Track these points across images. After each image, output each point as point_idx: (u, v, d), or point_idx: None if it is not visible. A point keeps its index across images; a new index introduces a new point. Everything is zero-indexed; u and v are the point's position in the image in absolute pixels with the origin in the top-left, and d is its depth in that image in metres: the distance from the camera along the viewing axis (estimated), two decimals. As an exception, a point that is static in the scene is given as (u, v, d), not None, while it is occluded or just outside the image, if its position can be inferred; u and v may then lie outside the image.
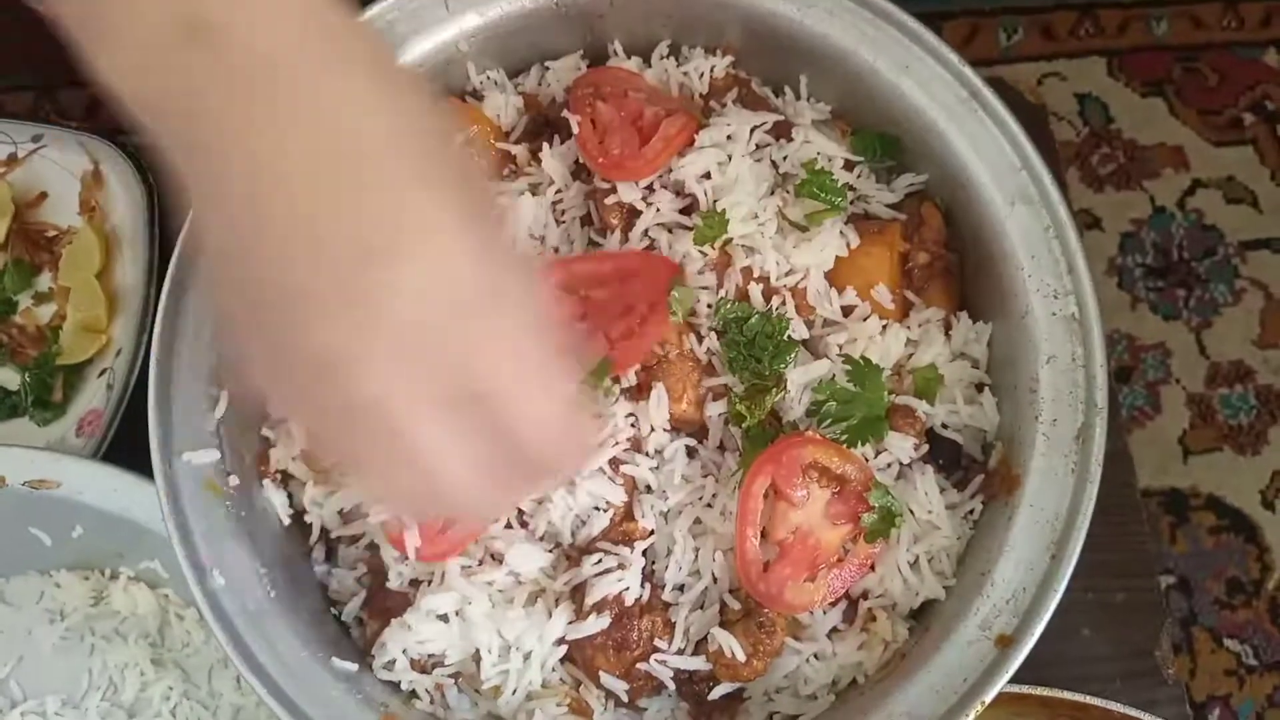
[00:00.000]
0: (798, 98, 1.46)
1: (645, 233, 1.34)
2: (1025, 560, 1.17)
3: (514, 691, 1.22)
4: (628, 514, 1.24)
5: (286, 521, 1.31)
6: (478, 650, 1.21)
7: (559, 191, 1.39)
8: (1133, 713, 1.31)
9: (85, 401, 1.55)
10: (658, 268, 1.29)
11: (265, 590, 1.20)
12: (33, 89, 2.64)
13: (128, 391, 1.49)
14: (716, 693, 1.22)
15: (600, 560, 1.21)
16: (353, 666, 1.21)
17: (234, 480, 1.24)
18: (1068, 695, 1.30)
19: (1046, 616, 1.13)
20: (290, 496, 1.32)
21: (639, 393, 1.27)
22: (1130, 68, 2.56)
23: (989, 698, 1.10)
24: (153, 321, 1.40)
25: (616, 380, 1.27)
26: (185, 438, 1.22)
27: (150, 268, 1.56)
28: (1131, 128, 2.64)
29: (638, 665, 1.21)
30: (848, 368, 1.26)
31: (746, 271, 1.32)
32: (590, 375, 1.24)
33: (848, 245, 1.34)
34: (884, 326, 1.31)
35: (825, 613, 1.23)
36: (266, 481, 1.30)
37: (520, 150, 1.43)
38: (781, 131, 1.41)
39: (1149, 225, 2.46)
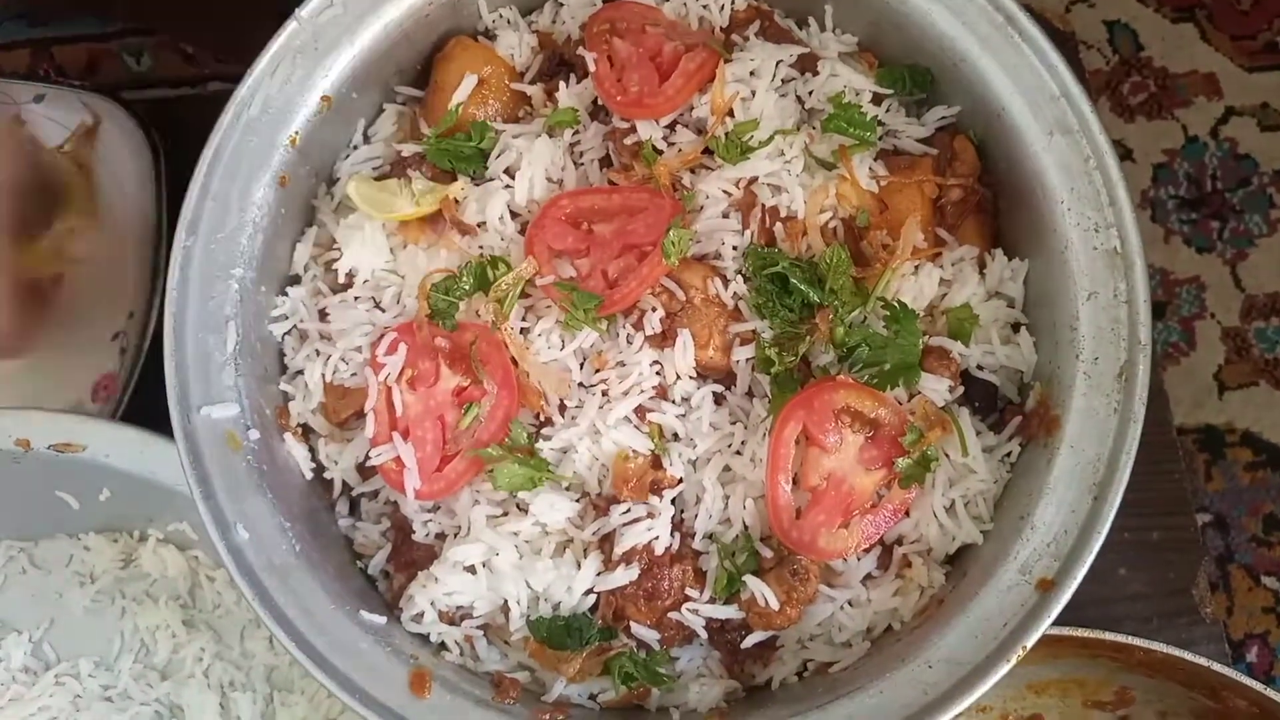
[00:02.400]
0: (822, 29, 1.41)
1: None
2: (1067, 502, 1.14)
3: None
4: (656, 462, 1.22)
5: (309, 476, 1.29)
6: (506, 601, 1.20)
7: (576, 133, 1.35)
8: (1175, 651, 1.29)
9: (98, 365, 1.52)
10: (663, 206, 1.26)
11: (290, 544, 1.19)
12: (28, 45, 2.59)
13: (142, 354, 1.47)
14: (749, 641, 1.20)
15: (629, 509, 1.19)
16: (381, 619, 1.20)
17: (254, 434, 1.23)
18: (1109, 636, 1.28)
19: (1089, 559, 1.10)
20: (312, 451, 1.31)
21: (664, 340, 1.24)
22: (1160, -9, 2.44)
23: (1031, 642, 1.07)
24: (163, 283, 1.38)
25: (610, 320, 1.24)
26: (203, 392, 1.20)
27: (158, 228, 1.53)
28: (1162, 55, 2.54)
29: (669, 614, 1.20)
30: (884, 311, 1.22)
31: (772, 211, 1.27)
32: (579, 310, 1.21)
33: (877, 182, 1.30)
34: (916, 267, 1.27)
35: (859, 559, 1.21)
36: (288, 435, 1.29)
37: (535, 91, 1.38)
38: (806, 65, 1.36)
39: (1182, 155, 2.38)
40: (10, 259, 1.55)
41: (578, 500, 1.22)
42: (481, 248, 1.30)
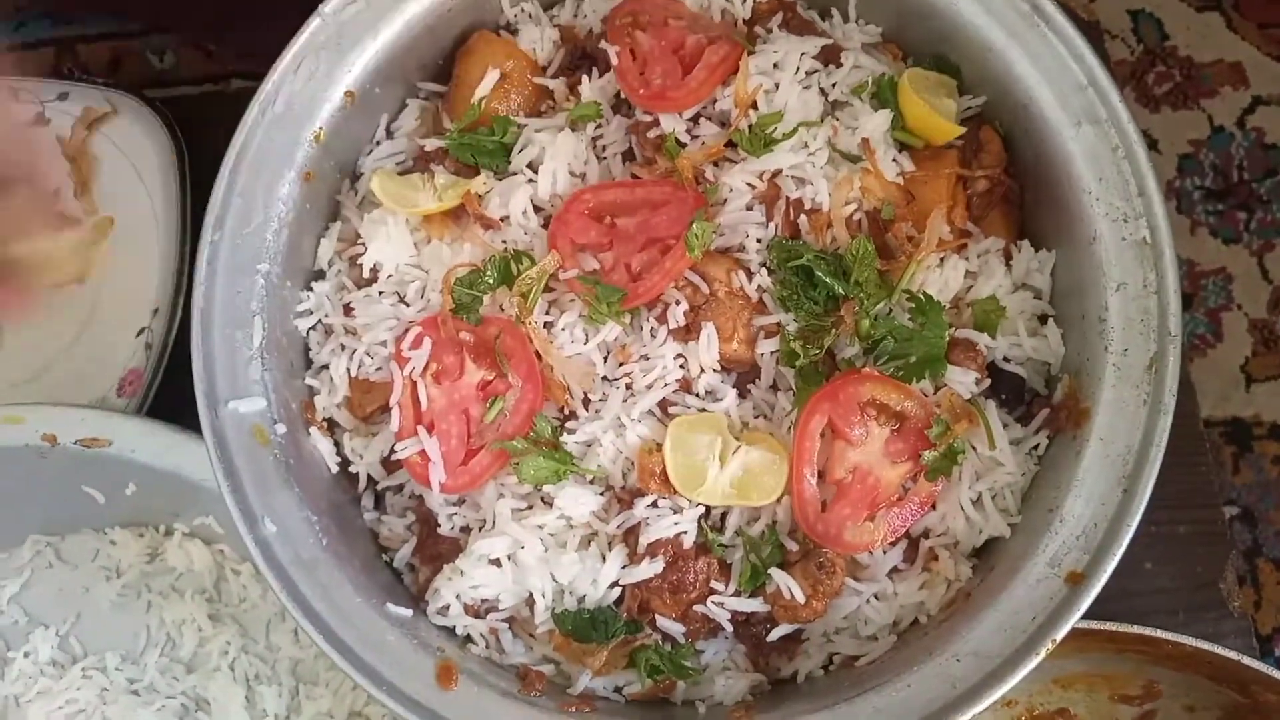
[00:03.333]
0: (845, 20, 1.40)
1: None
2: (1096, 495, 1.13)
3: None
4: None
5: (334, 469, 1.30)
6: (531, 595, 1.20)
7: (599, 126, 1.34)
8: (1204, 645, 1.28)
9: (124, 361, 1.54)
10: (685, 200, 1.25)
11: (317, 538, 1.19)
12: (52, 44, 2.61)
13: (167, 350, 1.47)
14: (775, 634, 1.20)
15: (654, 502, 1.19)
16: (407, 612, 1.20)
17: (281, 428, 1.23)
18: (1138, 630, 1.27)
19: (1119, 552, 1.09)
20: (337, 445, 1.31)
21: (687, 333, 1.23)
22: (1186, -19, 2.41)
23: (1060, 635, 1.07)
24: (189, 281, 1.39)
25: (633, 313, 1.24)
26: (230, 386, 1.21)
27: (183, 226, 1.53)
28: (1188, 44, 2.51)
29: (694, 607, 1.19)
30: (909, 304, 1.21)
31: (796, 204, 1.27)
32: (603, 303, 1.21)
33: (902, 173, 1.29)
34: (941, 259, 1.26)
35: (885, 552, 1.20)
36: (313, 429, 1.29)
37: (558, 85, 1.38)
38: (829, 57, 1.35)
39: (1208, 146, 2.35)
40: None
41: (602, 493, 1.22)
42: (505, 242, 1.30)
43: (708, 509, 1.20)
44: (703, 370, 1.23)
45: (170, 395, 1.49)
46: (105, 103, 1.62)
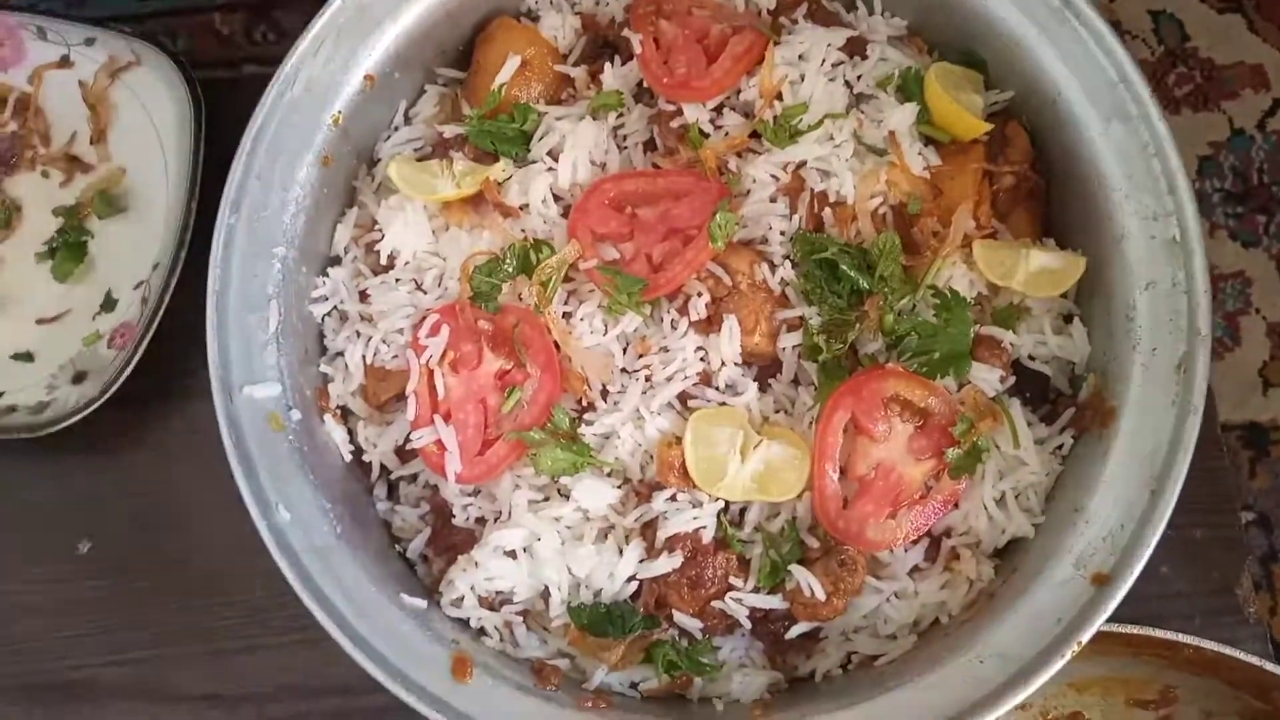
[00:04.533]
0: (870, 12, 1.38)
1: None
2: (1123, 496, 1.11)
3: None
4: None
5: (348, 458, 1.28)
6: (546, 588, 1.19)
7: (620, 116, 1.33)
8: (1225, 650, 1.26)
9: (120, 314, 1.50)
10: (708, 190, 1.24)
11: (331, 526, 1.18)
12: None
13: (161, 306, 1.42)
14: (793, 632, 1.19)
15: (673, 496, 1.17)
16: (422, 603, 1.19)
17: (295, 415, 1.22)
18: (1158, 633, 1.25)
19: (1146, 554, 1.08)
20: (350, 434, 1.30)
21: (708, 325, 1.22)
22: (1207, -17, 2.40)
23: (1086, 637, 1.05)
24: (192, 237, 1.36)
25: (653, 304, 1.22)
26: (245, 371, 1.19)
27: (192, 184, 1.50)
28: (1208, 46, 2.48)
29: (712, 603, 1.18)
30: (934, 300, 1.19)
31: (821, 196, 1.25)
32: (623, 294, 1.20)
33: (928, 167, 1.27)
34: (967, 255, 1.24)
35: (906, 551, 1.19)
36: (327, 417, 1.28)
37: (579, 73, 1.36)
38: (855, 49, 1.33)
39: (1227, 148, 2.33)
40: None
41: (620, 486, 1.21)
42: (523, 231, 1.29)
43: (727, 504, 1.19)
44: (723, 363, 1.22)
45: (158, 358, 1.44)
46: (130, 53, 1.60)
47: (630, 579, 1.19)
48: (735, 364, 1.22)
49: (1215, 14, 2.48)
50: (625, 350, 1.24)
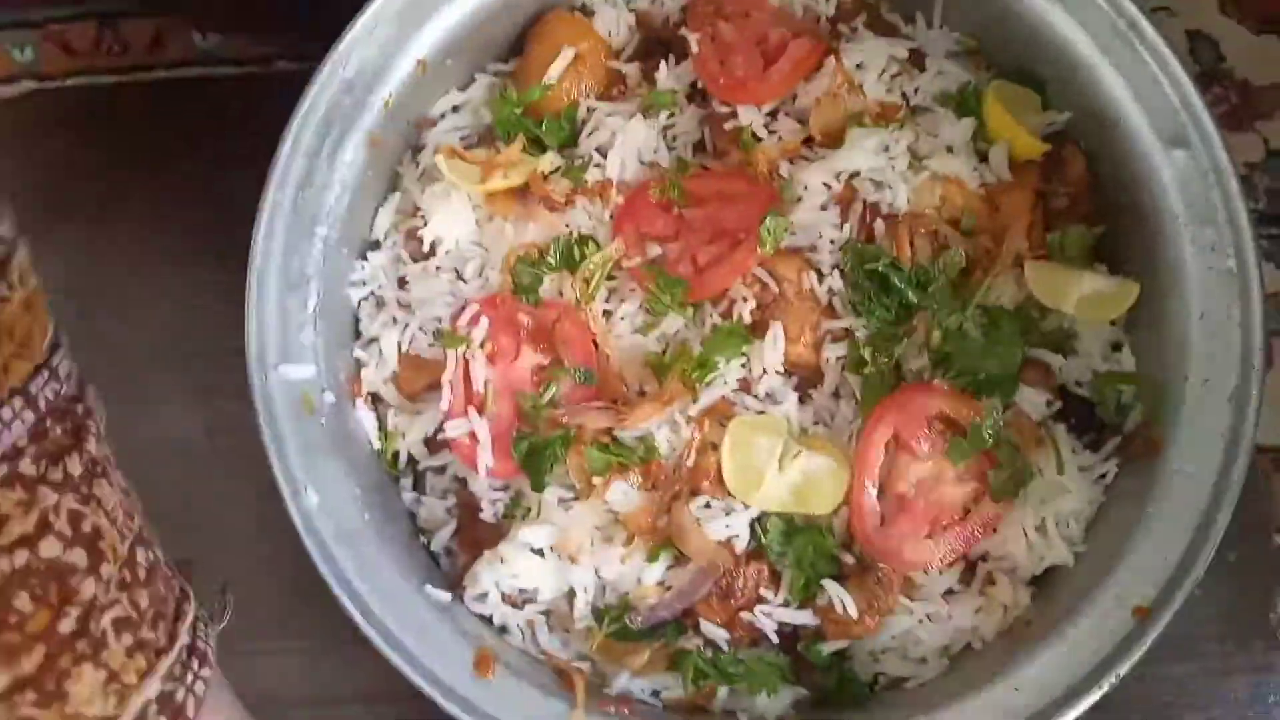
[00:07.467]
0: (929, 26, 1.36)
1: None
2: (1168, 528, 1.09)
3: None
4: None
5: (376, 445, 1.26)
6: (571, 589, 1.17)
7: (672, 115, 1.31)
8: None
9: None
10: (759, 194, 1.22)
11: (360, 513, 1.16)
12: (94, 18, 2.55)
13: None
14: (824, 649, 1.16)
15: (708, 504, 1.15)
16: (446, 596, 1.17)
17: (329, 397, 1.20)
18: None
19: (1189, 587, 1.06)
20: (380, 421, 1.28)
21: (752, 332, 1.20)
22: (1244, 4, 2.37)
23: (1125, 670, 1.03)
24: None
25: (696, 307, 1.20)
26: (280, 350, 1.17)
27: None
28: (1245, 67, 2.44)
29: (741, 615, 1.16)
30: (983, 319, 1.17)
31: (873, 208, 1.23)
32: (665, 295, 1.18)
33: (984, 184, 1.26)
34: (1016, 275, 1.22)
35: (941, 573, 1.17)
36: (359, 402, 1.26)
37: (632, 70, 1.35)
38: (913, 61, 1.32)
39: (1263, 169, 2.29)
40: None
41: (653, 489, 1.18)
42: (568, 225, 1.27)
43: (761, 514, 1.17)
44: (764, 371, 1.20)
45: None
46: None
47: (659, 584, 1.16)
48: (777, 372, 1.20)
49: (1252, 35, 2.44)
50: (665, 352, 1.22)
